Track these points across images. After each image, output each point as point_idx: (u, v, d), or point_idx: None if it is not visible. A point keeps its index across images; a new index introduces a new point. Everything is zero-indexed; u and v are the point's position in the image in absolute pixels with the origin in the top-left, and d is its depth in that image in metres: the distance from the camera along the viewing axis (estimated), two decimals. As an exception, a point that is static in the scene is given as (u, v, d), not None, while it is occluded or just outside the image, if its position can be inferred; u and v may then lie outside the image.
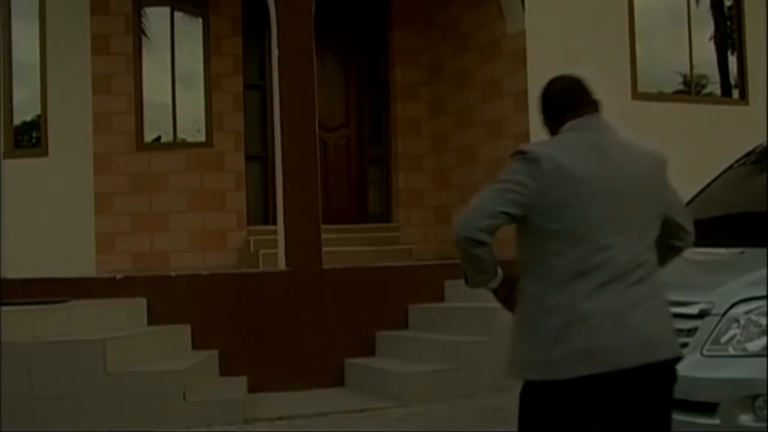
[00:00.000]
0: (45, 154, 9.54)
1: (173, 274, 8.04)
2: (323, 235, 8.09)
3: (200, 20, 10.07)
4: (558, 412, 2.84)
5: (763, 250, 4.05)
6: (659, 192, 3.03)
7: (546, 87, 3.16)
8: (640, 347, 2.78)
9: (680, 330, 3.91)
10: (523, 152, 2.88)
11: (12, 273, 7.85)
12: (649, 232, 2.95)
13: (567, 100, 3.06)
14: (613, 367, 2.75)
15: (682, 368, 3.79)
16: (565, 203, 2.82)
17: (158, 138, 10.06)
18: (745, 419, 3.64)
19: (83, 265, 9.05)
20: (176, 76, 9.99)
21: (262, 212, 10.40)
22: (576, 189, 2.82)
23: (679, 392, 3.80)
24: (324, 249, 8.00)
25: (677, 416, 3.79)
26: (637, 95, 9.68)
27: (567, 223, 2.82)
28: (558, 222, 2.82)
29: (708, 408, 3.72)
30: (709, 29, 10.51)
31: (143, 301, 7.55)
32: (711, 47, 10.55)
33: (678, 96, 10.14)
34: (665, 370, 2.90)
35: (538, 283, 2.87)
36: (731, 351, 3.77)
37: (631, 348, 2.76)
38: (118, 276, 7.83)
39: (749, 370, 3.69)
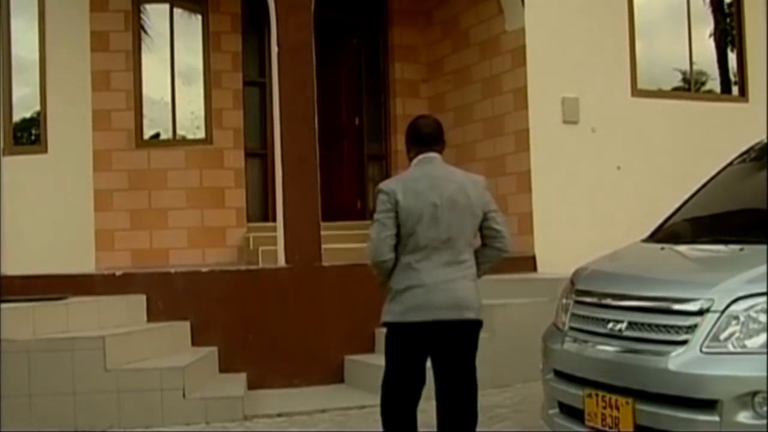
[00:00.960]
0: (44, 150, 9.54)
1: (173, 270, 8.04)
2: (323, 232, 8.08)
3: (199, 17, 10.05)
4: (403, 344, 4.52)
5: (762, 247, 4.04)
6: (473, 205, 4.51)
7: (414, 121, 4.86)
8: (454, 309, 4.40)
9: (679, 327, 3.94)
10: (381, 189, 4.53)
11: (11, 269, 7.85)
12: (466, 234, 4.51)
13: (424, 136, 4.72)
14: (434, 318, 4.38)
15: (682, 365, 3.82)
16: (408, 214, 4.42)
17: (157, 135, 10.05)
18: (745, 416, 3.64)
19: (82, 261, 9.05)
20: (176, 72, 9.98)
21: (261, 209, 10.41)
22: (413, 205, 4.43)
23: (679, 389, 3.82)
24: (324, 246, 8.00)
25: (677, 413, 3.81)
26: (636, 92, 9.68)
27: (410, 227, 4.42)
28: (405, 227, 4.43)
29: (707, 405, 3.72)
30: (709, 26, 10.51)
31: (143, 298, 7.55)
32: (711, 44, 10.54)
33: (677, 93, 10.13)
34: (471, 326, 4.50)
35: (398, 264, 4.49)
36: (731, 348, 3.76)
37: (447, 308, 4.39)
38: (118, 273, 7.83)
39: (749, 367, 3.68)
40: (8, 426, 6.18)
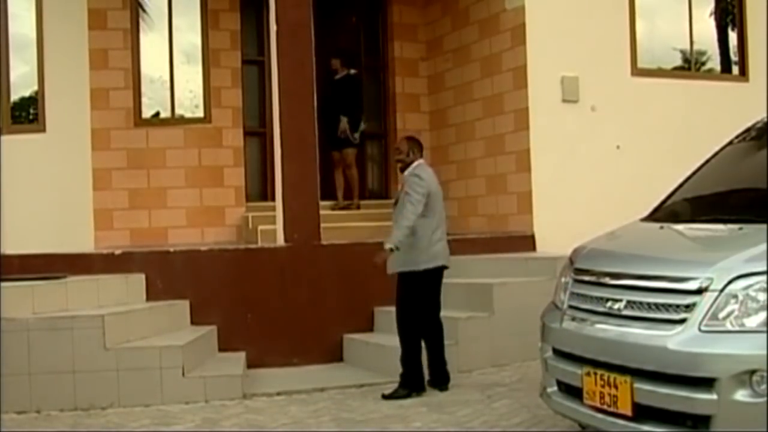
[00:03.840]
0: (43, 129, 9.53)
1: (172, 249, 8.04)
2: (321, 211, 8.09)
3: (198, -5, 10.01)
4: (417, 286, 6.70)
5: (761, 227, 4.04)
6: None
7: (409, 138, 7.09)
8: (447, 259, 6.72)
9: (678, 305, 3.94)
10: (419, 177, 6.61)
11: (10, 249, 7.85)
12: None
13: (420, 147, 6.95)
14: (438, 264, 6.65)
15: (681, 344, 3.83)
16: (430, 196, 6.59)
17: (156, 114, 10.03)
18: (743, 394, 3.65)
19: (81, 240, 9.05)
20: (174, 51, 9.94)
21: (260, 188, 10.41)
22: (432, 191, 6.67)
23: (677, 367, 3.83)
24: (322, 225, 8.00)
25: (675, 391, 3.82)
26: (636, 71, 9.65)
27: (430, 205, 6.59)
28: (428, 204, 6.58)
29: (705, 383, 3.73)
30: (710, 5, 10.46)
31: (142, 277, 7.57)
32: (711, 23, 10.50)
33: (678, 72, 10.10)
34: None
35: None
36: (729, 326, 3.76)
37: (443, 259, 6.68)
38: (117, 252, 7.83)
39: (747, 346, 3.68)
40: (8, 403, 6.20)
